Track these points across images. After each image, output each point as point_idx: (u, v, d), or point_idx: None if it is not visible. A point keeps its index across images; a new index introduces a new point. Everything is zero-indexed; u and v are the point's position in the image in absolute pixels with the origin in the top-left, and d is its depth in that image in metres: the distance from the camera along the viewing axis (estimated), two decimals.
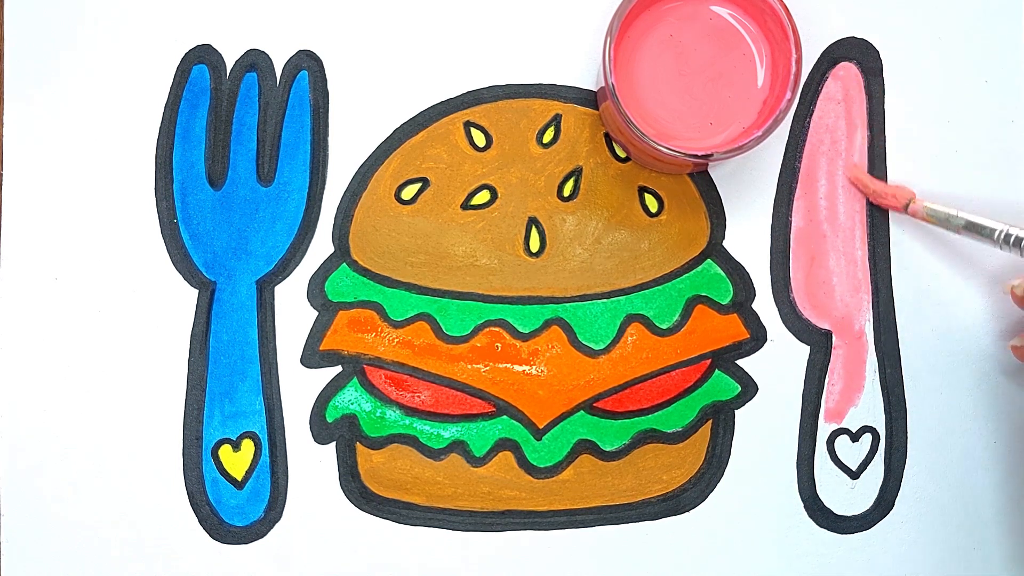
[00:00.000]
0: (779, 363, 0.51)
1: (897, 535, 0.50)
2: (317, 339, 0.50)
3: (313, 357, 0.50)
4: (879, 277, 0.51)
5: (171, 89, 0.50)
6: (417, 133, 0.51)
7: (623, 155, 0.51)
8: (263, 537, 0.50)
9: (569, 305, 0.50)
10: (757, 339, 0.51)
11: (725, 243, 0.51)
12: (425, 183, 0.51)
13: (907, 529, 0.50)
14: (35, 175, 0.50)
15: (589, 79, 0.51)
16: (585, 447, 0.50)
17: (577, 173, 0.51)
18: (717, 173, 0.51)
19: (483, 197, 0.50)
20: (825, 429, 0.51)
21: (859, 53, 0.51)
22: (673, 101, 0.47)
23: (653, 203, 0.51)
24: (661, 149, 0.45)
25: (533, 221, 0.51)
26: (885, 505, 0.51)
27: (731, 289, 0.51)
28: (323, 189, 0.50)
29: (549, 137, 0.51)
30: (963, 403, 0.51)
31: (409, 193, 0.51)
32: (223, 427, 0.50)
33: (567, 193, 0.51)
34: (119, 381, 0.50)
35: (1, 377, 0.50)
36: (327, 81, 0.51)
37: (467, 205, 0.50)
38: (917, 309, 0.51)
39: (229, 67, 0.50)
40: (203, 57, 0.50)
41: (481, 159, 0.51)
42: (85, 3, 0.50)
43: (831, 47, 0.51)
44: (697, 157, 0.45)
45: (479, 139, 0.51)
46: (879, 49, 0.51)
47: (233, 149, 0.50)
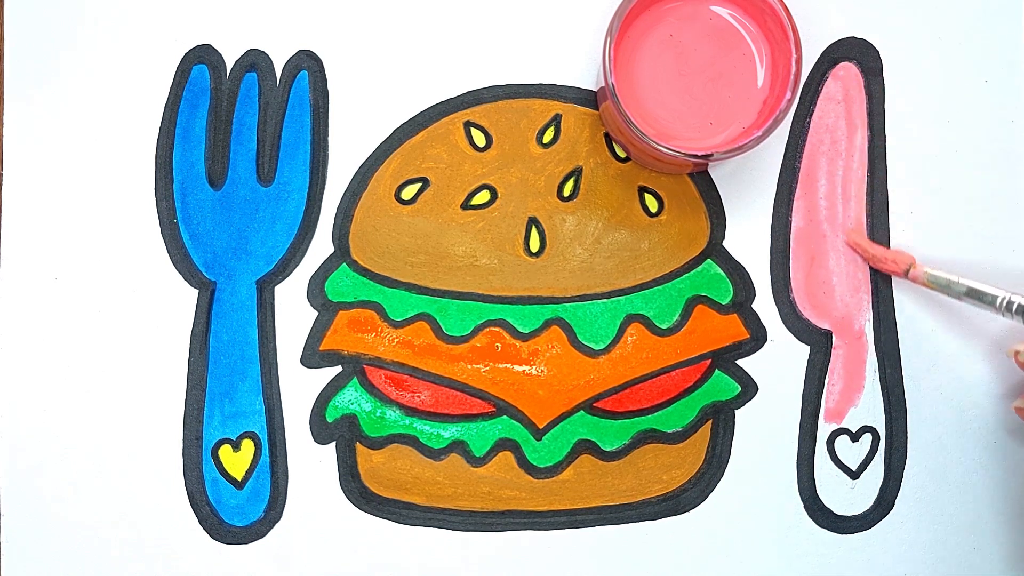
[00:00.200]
0: (779, 363, 0.51)
1: (897, 535, 0.50)
2: (317, 339, 0.50)
3: (313, 357, 0.50)
4: (879, 277, 0.51)
5: (171, 89, 0.50)
6: (417, 133, 0.51)
7: (623, 155, 0.51)
8: (263, 537, 0.50)
9: (569, 305, 0.50)
10: (757, 339, 0.51)
11: (725, 243, 0.51)
12: (425, 183, 0.51)
13: (907, 529, 0.50)
14: (35, 175, 0.50)
15: (589, 79, 0.51)
16: (585, 447, 0.50)
17: (577, 173, 0.51)
18: (717, 173, 0.51)
19: (483, 197, 0.50)
20: (825, 429, 0.51)
21: (859, 53, 0.51)
22: (673, 101, 0.47)
23: (653, 203, 0.51)
24: (661, 149, 0.45)
25: (533, 221, 0.50)
26: (885, 505, 0.50)
27: (731, 289, 0.51)
28: (323, 189, 0.50)
29: (549, 137, 0.51)
30: (963, 404, 0.51)
31: (409, 193, 0.50)
32: (223, 427, 0.50)
33: (567, 193, 0.51)
34: (119, 381, 0.50)
35: (1, 377, 0.50)
36: (327, 81, 0.51)
37: (467, 205, 0.50)
38: (917, 309, 0.51)
39: (229, 67, 0.50)
40: (203, 57, 0.50)
41: (481, 159, 0.51)
42: (85, 3, 0.50)
43: (831, 47, 0.51)
44: (697, 157, 0.45)
45: (479, 139, 0.51)
46: (879, 49, 0.51)
47: (233, 149, 0.50)
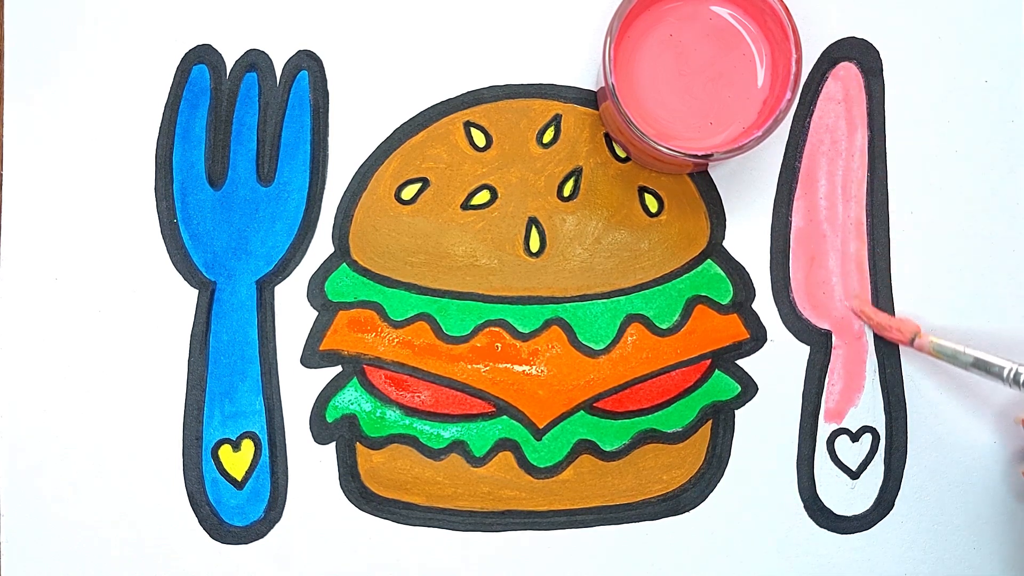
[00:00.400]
0: (779, 363, 0.51)
1: (897, 535, 0.50)
2: (317, 339, 0.50)
3: (313, 357, 0.50)
4: (879, 277, 0.51)
5: (171, 89, 0.50)
6: (417, 133, 0.51)
7: (623, 155, 0.51)
8: (263, 537, 0.50)
9: (569, 305, 0.50)
10: (757, 339, 0.51)
11: (725, 243, 0.51)
12: (425, 183, 0.50)
13: (907, 529, 0.50)
14: (35, 175, 0.50)
15: (589, 79, 0.51)
16: (585, 447, 0.50)
17: (577, 173, 0.51)
18: (717, 173, 0.51)
19: (483, 197, 0.50)
20: (825, 429, 0.51)
21: (859, 53, 0.51)
22: (673, 101, 0.47)
23: (653, 203, 0.51)
24: (661, 149, 0.45)
25: (533, 221, 0.50)
26: (885, 505, 0.50)
27: (731, 289, 0.51)
28: (323, 189, 0.50)
29: (549, 137, 0.51)
30: (963, 403, 0.51)
31: (409, 193, 0.50)
32: (223, 427, 0.50)
33: (567, 193, 0.51)
34: (119, 381, 0.50)
35: (1, 377, 0.50)
36: (327, 81, 0.51)
37: (467, 205, 0.50)
38: (917, 310, 0.51)
39: (229, 67, 0.50)
40: (203, 57, 0.50)
41: (481, 159, 0.51)
42: (85, 3, 0.50)
43: (831, 47, 0.51)
44: (697, 157, 0.45)
45: (479, 139, 0.51)
46: (879, 49, 0.51)
47: (233, 149, 0.50)
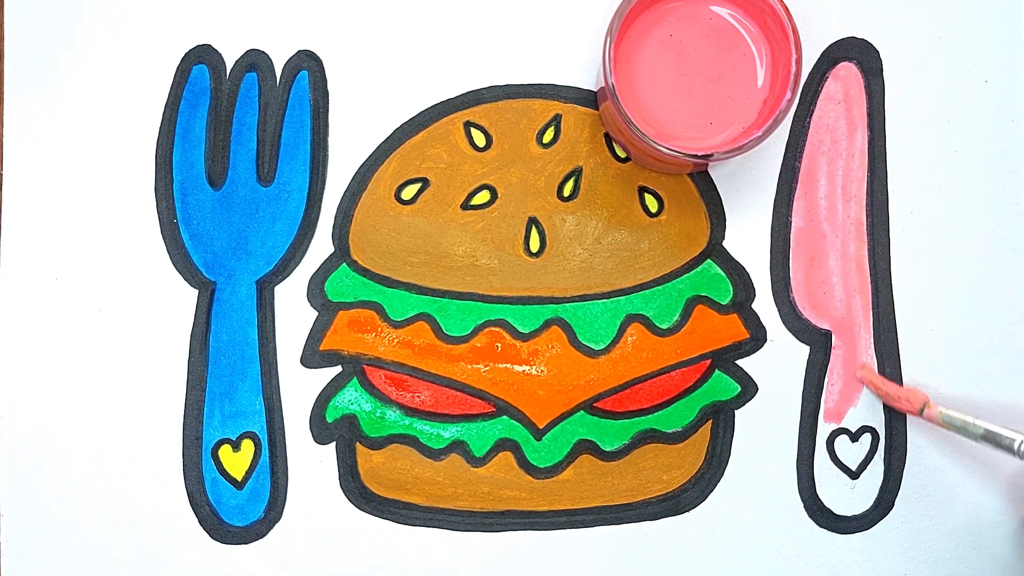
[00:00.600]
0: (779, 363, 0.51)
1: (897, 535, 0.50)
2: (317, 339, 0.50)
3: (313, 357, 0.50)
4: (879, 277, 0.51)
5: (171, 89, 0.50)
6: (417, 133, 0.51)
7: (623, 155, 0.51)
8: (263, 537, 0.50)
9: (569, 305, 0.50)
10: (757, 339, 0.51)
11: (725, 243, 0.51)
12: (425, 183, 0.50)
13: (907, 529, 0.50)
14: (35, 175, 0.50)
15: (589, 79, 0.51)
16: (585, 447, 0.50)
17: (577, 173, 0.51)
18: (717, 173, 0.51)
19: (483, 197, 0.50)
20: (825, 429, 0.51)
21: (859, 53, 0.51)
22: (673, 101, 0.47)
23: (653, 203, 0.51)
24: (661, 149, 0.45)
25: (533, 221, 0.50)
26: (885, 505, 0.50)
27: (731, 289, 0.51)
28: (323, 189, 0.50)
29: (549, 137, 0.51)
30: (963, 402, 0.51)
31: (409, 193, 0.50)
32: (223, 427, 0.50)
33: (567, 193, 0.51)
34: (119, 381, 0.50)
35: (1, 377, 0.50)
36: (327, 81, 0.51)
37: (467, 205, 0.50)
38: (917, 310, 0.51)
39: (229, 67, 0.50)
40: (203, 57, 0.50)
41: (481, 159, 0.51)
42: (85, 3, 0.50)
43: (831, 47, 0.51)
44: (697, 157, 0.45)
45: (479, 139, 0.51)
46: (879, 49, 0.51)
47: (233, 149, 0.50)
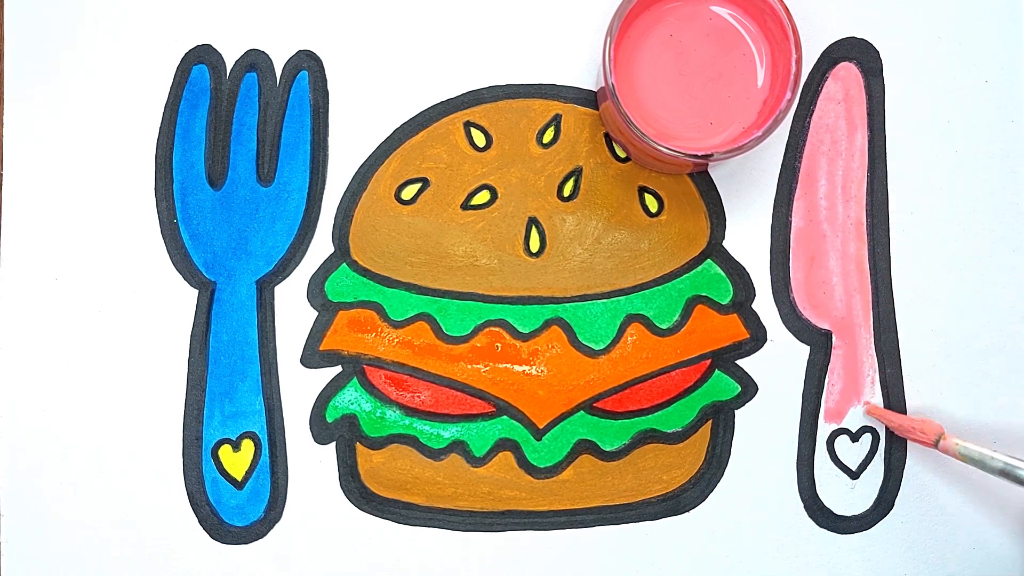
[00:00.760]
0: (779, 363, 0.51)
1: (897, 535, 0.50)
2: (317, 339, 0.50)
3: (313, 357, 0.50)
4: (879, 277, 0.51)
5: (171, 89, 0.50)
6: (417, 133, 0.51)
7: (623, 155, 0.51)
8: (263, 537, 0.50)
9: (569, 305, 0.50)
10: (757, 339, 0.51)
11: (725, 243, 0.51)
12: (425, 183, 0.50)
13: (907, 529, 0.50)
14: (35, 175, 0.50)
15: (589, 79, 0.51)
16: (585, 447, 0.50)
17: (577, 173, 0.51)
18: (717, 173, 0.51)
19: (483, 197, 0.50)
20: (825, 429, 0.51)
21: (859, 53, 0.51)
22: (673, 101, 0.47)
23: (653, 203, 0.51)
24: (661, 149, 0.45)
25: (533, 221, 0.50)
26: (885, 505, 0.50)
27: (731, 289, 0.51)
28: (323, 189, 0.50)
29: (549, 137, 0.51)
30: (963, 402, 0.51)
31: (409, 193, 0.50)
32: (223, 427, 0.50)
33: (567, 193, 0.51)
34: (119, 381, 0.50)
35: (1, 377, 0.50)
36: (327, 81, 0.51)
37: (467, 205, 0.50)
38: (917, 310, 0.51)
39: (229, 67, 0.50)
40: (203, 57, 0.50)
41: (481, 159, 0.51)
42: (85, 3, 0.50)
43: (831, 47, 0.51)
44: (697, 157, 0.45)
45: (479, 139, 0.51)
46: (879, 49, 0.51)
47: (233, 149, 0.50)
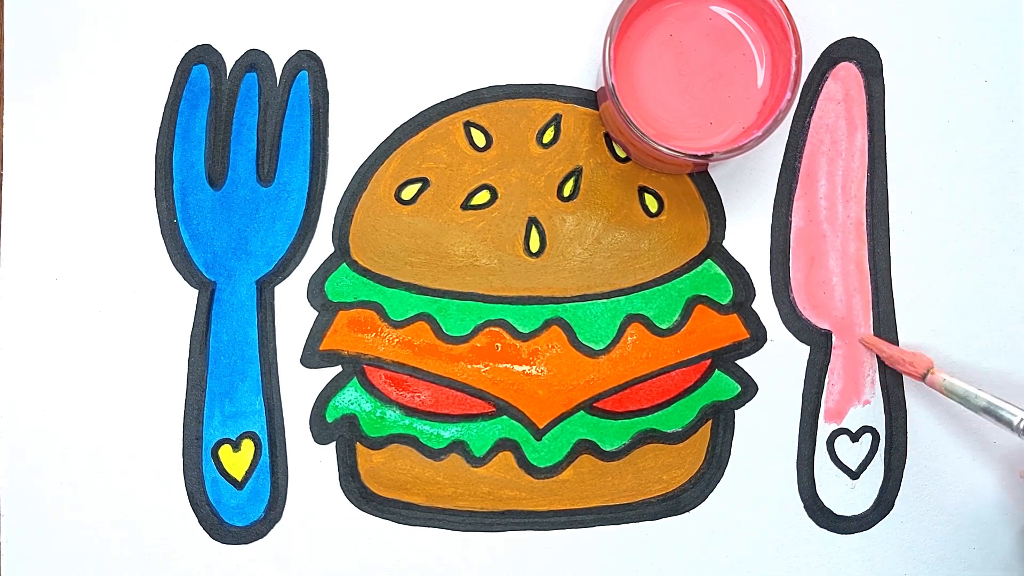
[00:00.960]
0: (779, 363, 0.51)
1: (897, 535, 0.50)
2: (317, 339, 0.50)
3: (313, 357, 0.50)
4: (879, 277, 0.51)
5: (171, 89, 0.50)
6: (417, 133, 0.51)
7: (623, 155, 0.51)
8: (263, 537, 0.50)
9: (569, 305, 0.50)
10: (757, 339, 0.51)
11: (725, 243, 0.51)
12: (425, 183, 0.51)
13: (907, 529, 0.50)
14: (35, 175, 0.50)
15: (589, 79, 0.51)
16: (585, 447, 0.50)
17: (577, 173, 0.51)
18: (717, 173, 0.51)
19: (483, 197, 0.50)
20: (825, 429, 0.51)
21: (859, 53, 0.51)
22: (673, 101, 0.47)
23: (653, 203, 0.51)
24: (661, 149, 0.45)
25: (533, 221, 0.50)
26: (885, 505, 0.50)
27: (731, 289, 0.51)
28: (323, 189, 0.50)
29: (549, 137, 0.51)
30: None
31: (409, 193, 0.50)
32: (223, 427, 0.50)
33: (567, 193, 0.51)
34: (119, 381, 0.50)
35: (1, 377, 0.50)
36: (327, 81, 0.51)
37: (467, 205, 0.50)
38: (917, 310, 0.51)
39: (229, 67, 0.50)
40: (203, 57, 0.50)
41: (481, 159, 0.51)
42: (85, 3, 0.50)
43: (831, 47, 0.51)
44: (697, 157, 0.45)
45: (479, 139, 0.51)
46: (879, 49, 0.51)
47: (233, 149, 0.50)
